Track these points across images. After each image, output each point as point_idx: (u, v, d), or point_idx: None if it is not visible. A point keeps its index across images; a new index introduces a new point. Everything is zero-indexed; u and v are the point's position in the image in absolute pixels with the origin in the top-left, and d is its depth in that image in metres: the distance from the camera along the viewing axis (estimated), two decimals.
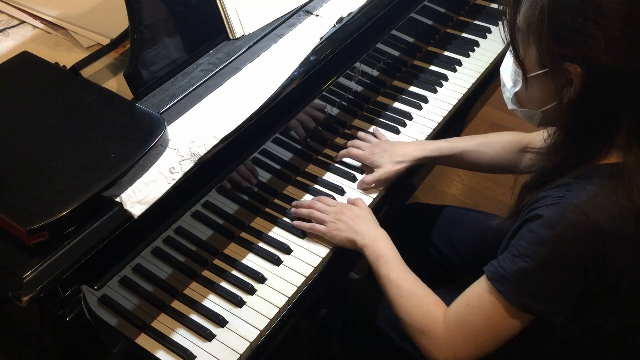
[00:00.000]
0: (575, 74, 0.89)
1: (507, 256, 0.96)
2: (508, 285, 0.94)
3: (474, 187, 2.37)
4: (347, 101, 1.45)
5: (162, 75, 1.12)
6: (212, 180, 1.13)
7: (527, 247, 0.92)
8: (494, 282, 0.96)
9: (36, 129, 0.98)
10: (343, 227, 1.21)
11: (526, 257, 0.92)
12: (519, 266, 0.93)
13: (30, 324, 0.97)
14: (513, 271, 0.94)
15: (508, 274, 0.94)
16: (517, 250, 0.94)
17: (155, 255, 1.10)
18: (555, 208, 0.90)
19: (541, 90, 0.97)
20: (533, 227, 0.92)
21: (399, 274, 1.13)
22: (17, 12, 1.36)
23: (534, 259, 0.91)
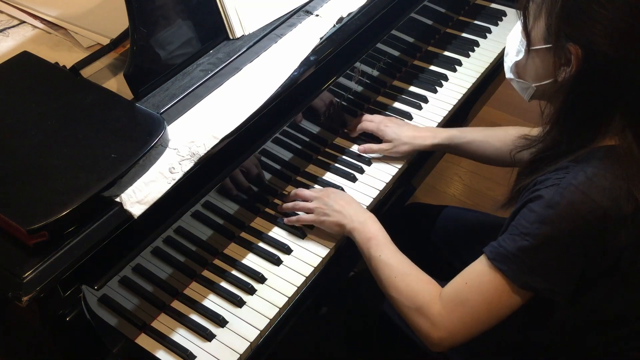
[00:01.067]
0: (575, 54, 0.91)
1: (507, 236, 0.97)
2: (509, 263, 0.95)
3: (474, 187, 2.37)
4: (347, 101, 1.45)
5: (162, 75, 1.12)
6: (212, 180, 1.13)
7: (528, 226, 0.94)
8: (495, 262, 0.97)
9: (36, 129, 0.98)
10: (330, 211, 1.22)
11: (527, 235, 0.93)
12: (519, 244, 0.94)
13: (30, 324, 0.97)
14: (514, 250, 0.94)
15: (509, 253, 0.95)
16: (518, 229, 0.95)
17: (155, 255, 1.10)
18: (555, 189, 0.92)
19: (540, 65, 0.99)
20: (534, 207, 0.94)
21: (390, 255, 1.13)
22: (17, 12, 1.36)
23: (535, 237, 0.92)
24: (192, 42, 1.17)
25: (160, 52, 1.12)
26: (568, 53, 0.92)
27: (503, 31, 1.74)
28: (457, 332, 1.01)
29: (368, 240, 1.16)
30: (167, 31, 1.12)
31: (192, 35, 1.17)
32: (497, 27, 1.75)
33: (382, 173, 1.38)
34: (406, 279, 1.09)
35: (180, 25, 1.15)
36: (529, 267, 0.94)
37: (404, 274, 1.10)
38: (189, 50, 1.16)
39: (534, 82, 1.02)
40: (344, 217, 1.20)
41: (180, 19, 1.15)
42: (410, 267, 1.11)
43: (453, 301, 1.01)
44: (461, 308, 1.00)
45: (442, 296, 1.03)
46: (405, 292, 1.08)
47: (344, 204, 1.22)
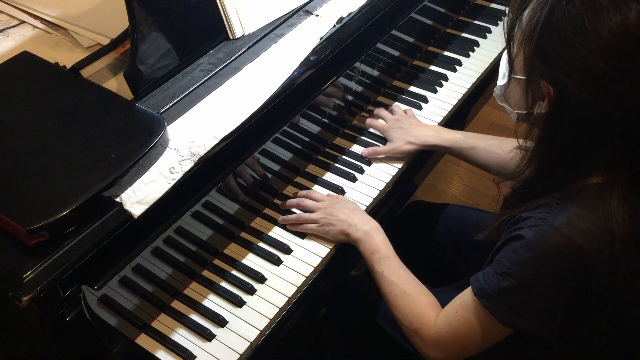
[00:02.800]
0: (547, 93, 0.90)
1: (491, 272, 0.97)
2: (492, 301, 0.95)
3: (474, 187, 2.37)
4: (347, 101, 1.45)
5: (162, 75, 1.12)
6: (212, 180, 1.13)
7: (509, 266, 0.93)
8: (479, 297, 0.97)
9: (36, 129, 0.98)
10: (335, 221, 1.22)
11: (509, 276, 0.93)
12: (502, 285, 0.94)
13: (30, 324, 0.97)
14: (496, 289, 0.95)
15: (492, 291, 0.95)
16: (500, 268, 0.95)
17: (155, 255, 1.10)
18: (536, 230, 0.91)
19: (519, 93, 0.97)
20: (515, 247, 0.93)
21: (393, 271, 1.14)
22: (17, 12, 1.36)
23: (516, 278, 0.92)
24: (192, 42, 1.17)
25: (161, 52, 1.11)
26: (541, 90, 0.90)
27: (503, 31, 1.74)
28: (449, 355, 1.06)
29: (372, 254, 1.17)
30: (167, 31, 1.12)
31: (192, 35, 1.17)
32: (497, 27, 1.75)
33: (382, 173, 1.38)
34: (406, 300, 1.11)
35: (180, 25, 1.15)
36: (511, 307, 0.94)
37: (404, 293, 1.11)
38: (189, 50, 1.16)
39: (515, 109, 1.01)
40: (349, 225, 1.20)
41: (180, 19, 1.15)
42: (412, 286, 1.12)
43: (445, 328, 1.05)
44: (452, 335, 1.03)
45: (437, 322, 1.06)
46: (404, 312, 1.11)
47: (349, 212, 1.23)
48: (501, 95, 1.05)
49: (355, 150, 1.43)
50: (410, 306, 1.10)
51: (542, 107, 0.91)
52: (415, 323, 1.08)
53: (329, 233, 1.22)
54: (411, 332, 1.09)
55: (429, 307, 1.09)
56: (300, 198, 1.29)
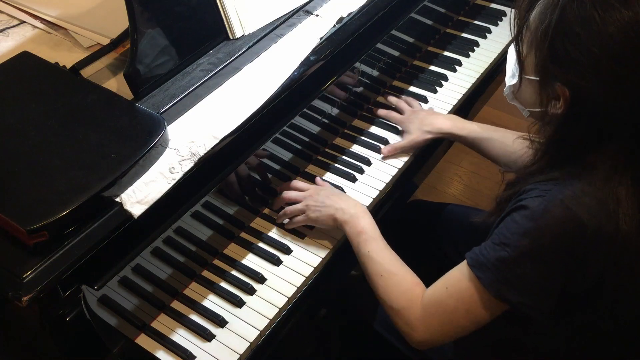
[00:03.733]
0: (562, 95, 0.90)
1: (489, 244, 0.96)
2: (486, 272, 0.94)
3: (474, 187, 2.37)
4: (348, 101, 1.45)
5: (162, 75, 1.12)
6: (212, 180, 1.13)
7: (508, 236, 0.93)
8: (473, 269, 0.96)
9: (36, 129, 0.98)
10: (321, 206, 1.22)
11: (507, 246, 0.92)
12: (498, 255, 0.93)
13: (30, 324, 0.97)
14: (493, 259, 0.94)
15: (487, 262, 0.94)
16: (499, 238, 0.94)
17: (155, 256, 1.10)
18: (540, 200, 0.90)
19: (532, 94, 0.98)
20: (517, 217, 0.93)
21: (379, 252, 1.13)
22: (17, 12, 1.36)
23: (514, 248, 0.92)
24: (192, 42, 1.17)
25: (160, 52, 1.11)
26: (556, 91, 0.91)
27: (503, 31, 1.74)
28: (436, 335, 1.03)
29: (358, 235, 1.16)
30: (167, 31, 1.12)
31: (192, 35, 1.17)
32: (497, 27, 1.75)
33: (382, 173, 1.38)
34: (391, 279, 1.09)
35: (180, 25, 1.15)
36: (505, 278, 0.93)
37: (390, 273, 1.10)
38: (189, 50, 1.16)
39: (527, 107, 1.01)
40: (336, 210, 1.20)
41: (180, 19, 1.15)
42: (397, 266, 1.11)
43: (433, 305, 1.02)
44: (441, 312, 1.01)
45: (424, 299, 1.04)
46: (389, 292, 1.09)
47: (335, 197, 1.23)
48: (511, 94, 1.05)
49: (355, 150, 1.43)
50: (396, 285, 1.09)
51: (557, 107, 0.92)
52: (401, 302, 1.06)
53: (317, 220, 1.22)
54: (396, 313, 1.07)
55: (416, 285, 1.07)
56: (285, 191, 1.28)
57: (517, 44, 0.97)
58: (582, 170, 0.92)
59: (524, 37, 0.96)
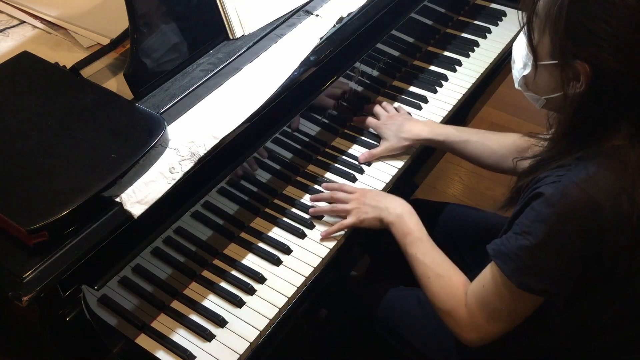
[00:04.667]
0: (583, 72, 0.90)
1: (509, 234, 0.97)
2: (509, 262, 0.96)
3: (474, 187, 2.37)
4: (348, 101, 1.45)
5: (162, 75, 1.12)
6: (212, 180, 1.13)
7: (528, 224, 0.94)
8: (496, 259, 0.98)
9: (36, 129, 0.98)
10: (369, 209, 1.24)
11: (527, 234, 0.93)
12: (519, 243, 0.94)
13: (30, 324, 0.97)
14: (514, 248, 0.95)
15: (509, 252, 0.96)
16: (520, 228, 0.95)
17: (155, 256, 1.10)
18: (556, 186, 0.91)
19: (549, 79, 0.98)
20: (535, 205, 0.94)
21: (426, 254, 1.15)
22: (17, 12, 1.36)
23: (534, 236, 0.93)
24: (192, 42, 1.17)
25: (161, 52, 1.12)
26: (576, 70, 0.91)
27: (503, 31, 1.74)
28: (484, 333, 1.04)
29: (404, 237, 1.18)
30: (167, 31, 1.12)
31: (192, 35, 1.17)
32: (497, 27, 1.75)
33: (382, 173, 1.38)
34: (439, 281, 1.11)
35: (180, 25, 1.15)
36: (527, 267, 0.94)
37: (437, 275, 1.11)
38: (189, 50, 1.16)
39: (544, 95, 1.01)
40: (382, 211, 1.22)
41: (180, 19, 1.15)
42: (444, 268, 1.13)
43: (475, 304, 1.04)
44: (484, 310, 1.02)
45: (467, 300, 1.05)
46: (436, 294, 1.10)
47: (381, 198, 1.25)
48: (524, 85, 1.05)
49: (355, 151, 1.43)
50: (443, 287, 1.10)
51: (578, 86, 0.92)
52: (448, 304, 1.08)
53: (364, 222, 1.24)
54: (445, 314, 1.09)
55: (462, 285, 1.08)
56: (333, 191, 1.30)
57: (529, 32, 0.98)
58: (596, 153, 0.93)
59: (534, 25, 0.96)
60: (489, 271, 1.02)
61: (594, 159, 0.92)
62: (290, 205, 1.30)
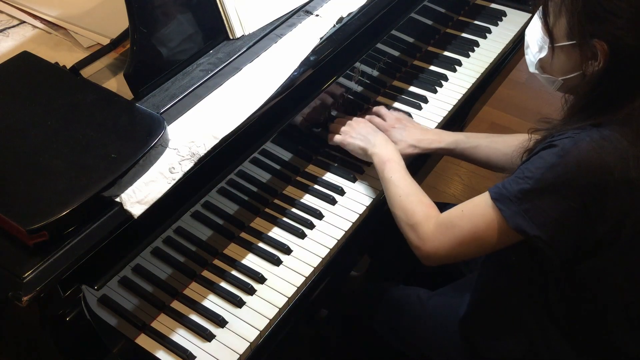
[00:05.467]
0: (601, 50, 0.92)
1: (512, 178, 0.99)
2: (508, 204, 0.97)
3: (474, 187, 2.37)
4: (347, 101, 1.45)
5: (162, 75, 1.12)
6: (212, 180, 1.13)
7: (533, 170, 0.95)
8: (496, 201, 0.99)
9: (36, 129, 0.98)
10: (356, 136, 1.32)
11: (530, 179, 0.95)
12: (521, 187, 0.96)
13: (30, 324, 0.97)
14: (515, 191, 0.96)
15: (510, 194, 0.97)
16: (523, 173, 0.97)
17: (155, 256, 1.10)
18: (569, 140, 0.93)
19: (567, 60, 1.00)
20: (544, 154, 0.95)
21: (401, 177, 1.20)
22: (17, 12, 1.36)
23: (537, 181, 0.94)
24: (192, 42, 1.17)
25: (161, 52, 1.12)
26: (594, 49, 0.93)
27: (503, 31, 1.74)
28: (442, 251, 1.08)
29: (384, 163, 1.23)
30: (167, 31, 1.12)
31: (192, 35, 1.17)
32: (497, 27, 1.75)
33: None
34: (409, 198, 1.17)
35: (180, 25, 1.15)
36: (525, 210, 0.95)
37: (408, 194, 1.17)
38: (189, 50, 1.16)
39: (561, 76, 1.03)
40: (368, 142, 1.29)
41: (180, 19, 1.15)
42: (416, 190, 1.18)
43: (445, 224, 1.08)
44: (452, 231, 1.06)
45: (439, 218, 1.10)
46: (405, 209, 1.15)
47: (371, 131, 1.32)
48: (540, 68, 1.06)
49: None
50: (412, 204, 1.15)
51: (596, 65, 0.94)
52: (416, 217, 1.12)
53: (347, 145, 1.32)
54: (410, 227, 1.12)
55: (432, 207, 1.14)
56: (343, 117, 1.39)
57: (544, 16, 0.99)
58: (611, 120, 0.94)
59: (549, 8, 0.98)
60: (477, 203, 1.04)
61: (610, 125, 0.94)
62: (290, 205, 1.30)
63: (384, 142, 1.29)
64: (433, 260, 1.10)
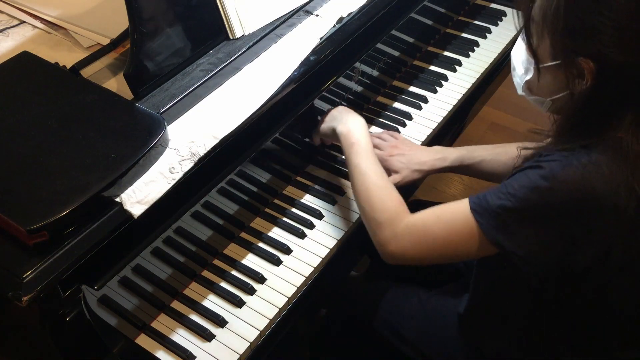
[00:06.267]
0: (587, 68, 0.90)
1: (494, 191, 0.97)
2: (487, 217, 0.96)
3: (474, 188, 2.37)
4: (347, 101, 1.45)
5: (162, 75, 1.12)
6: (212, 180, 1.13)
7: (516, 188, 0.93)
8: (475, 212, 0.97)
9: (36, 129, 0.98)
10: (329, 119, 1.28)
11: (512, 196, 0.93)
12: (502, 203, 0.94)
13: (30, 324, 0.97)
14: (495, 206, 0.95)
15: (489, 207, 0.95)
16: (506, 188, 0.95)
17: (155, 256, 1.10)
18: (556, 164, 0.91)
19: (553, 80, 0.98)
20: (529, 174, 0.93)
21: (369, 165, 1.15)
22: (17, 12, 1.36)
23: (519, 200, 0.92)
24: (192, 42, 1.17)
25: (160, 52, 1.12)
26: (580, 67, 0.91)
27: (503, 31, 1.74)
28: (409, 254, 1.05)
29: (350, 146, 1.18)
30: (167, 31, 1.12)
31: (192, 35, 1.17)
32: (497, 27, 1.75)
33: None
34: (378, 192, 1.11)
35: (180, 25, 1.15)
36: (504, 226, 0.94)
37: (377, 186, 1.12)
38: (189, 50, 1.16)
39: (549, 96, 1.00)
40: (338, 122, 1.24)
41: (180, 19, 1.15)
42: (385, 182, 1.13)
43: (417, 226, 1.04)
44: (423, 234, 1.03)
45: (410, 218, 1.06)
46: (374, 204, 1.10)
47: (345, 113, 1.27)
48: (528, 90, 1.05)
49: None
50: (381, 198, 1.10)
51: (584, 83, 0.92)
52: (385, 215, 1.07)
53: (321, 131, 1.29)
54: (377, 224, 1.08)
55: (400, 204, 1.09)
56: None
57: (527, 38, 0.97)
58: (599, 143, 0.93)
59: (532, 30, 0.96)
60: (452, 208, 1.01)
61: (598, 148, 0.92)
62: (290, 205, 1.31)
63: (354, 119, 1.23)
64: (398, 260, 1.07)
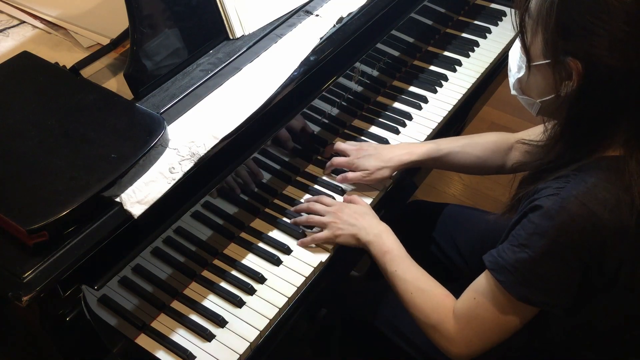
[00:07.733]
0: (575, 69, 0.89)
1: (506, 246, 0.96)
2: (507, 275, 0.95)
3: (474, 187, 2.37)
4: (347, 101, 1.45)
5: (162, 75, 1.12)
6: (212, 180, 1.13)
7: (526, 237, 0.93)
8: (493, 272, 0.96)
9: (36, 129, 0.98)
10: (344, 225, 1.21)
11: (526, 247, 0.93)
12: (518, 256, 0.93)
13: (30, 324, 0.97)
14: (512, 261, 0.94)
15: (507, 264, 0.95)
16: (517, 240, 0.94)
17: (155, 256, 1.10)
18: (554, 199, 0.90)
19: (542, 81, 0.97)
20: (533, 218, 0.92)
21: (406, 270, 1.13)
22: (17, 12, 1.36)
23: (533, 249, 0.92)
24: (192, 42, 1.17)
25: (161, 52, 1.12)
26: (568, 67, 0.90)
27: (503, 31, 1.74)
28: (473, 346, 1.03)
29: (383, 255, 1.16)
30: (167, 31, 1.12)
31: (192, 35, 1.17)
32: (497, 27, 1.75)
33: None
34: (422, 296, 1.09)
35: (181, 25, 1.15)
36: (526, 280, 0.93)
37: (419, 290, 1.10)
38: (189, 50, 1.16)
39: (538, 97, 0.99)
40: (359, 229, 1.20)
41: (180, 19, 1.15)
42: (426, 282, 1.12)
43: (465, 317, 1.03)
44: (474, 323, 1.01)
45: (455, 312, 1.04)
46: (420, 309, 1.09)
47: (358, 216, 1.22)
48: (519, 89, 1.04)
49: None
50: (426, 302, 1.09)
51: (570, 85, 0.91)
52: (434, 318, 1.06)
53: (339, 237, 1.21)
54: (430, 329, 1.07)
55: (446, 298, 1.08)
56: (310, 202, 1.27)
57: (522, 34, 0.97)
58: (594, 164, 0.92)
59: (527, 26, 0.96)
60: (482, 283, 1.00)
61: (593, 171, 0.91)
62: (290, 205, 1.30)
63: (375, 224, 1.20)
64: (467, 356, 1.05)
